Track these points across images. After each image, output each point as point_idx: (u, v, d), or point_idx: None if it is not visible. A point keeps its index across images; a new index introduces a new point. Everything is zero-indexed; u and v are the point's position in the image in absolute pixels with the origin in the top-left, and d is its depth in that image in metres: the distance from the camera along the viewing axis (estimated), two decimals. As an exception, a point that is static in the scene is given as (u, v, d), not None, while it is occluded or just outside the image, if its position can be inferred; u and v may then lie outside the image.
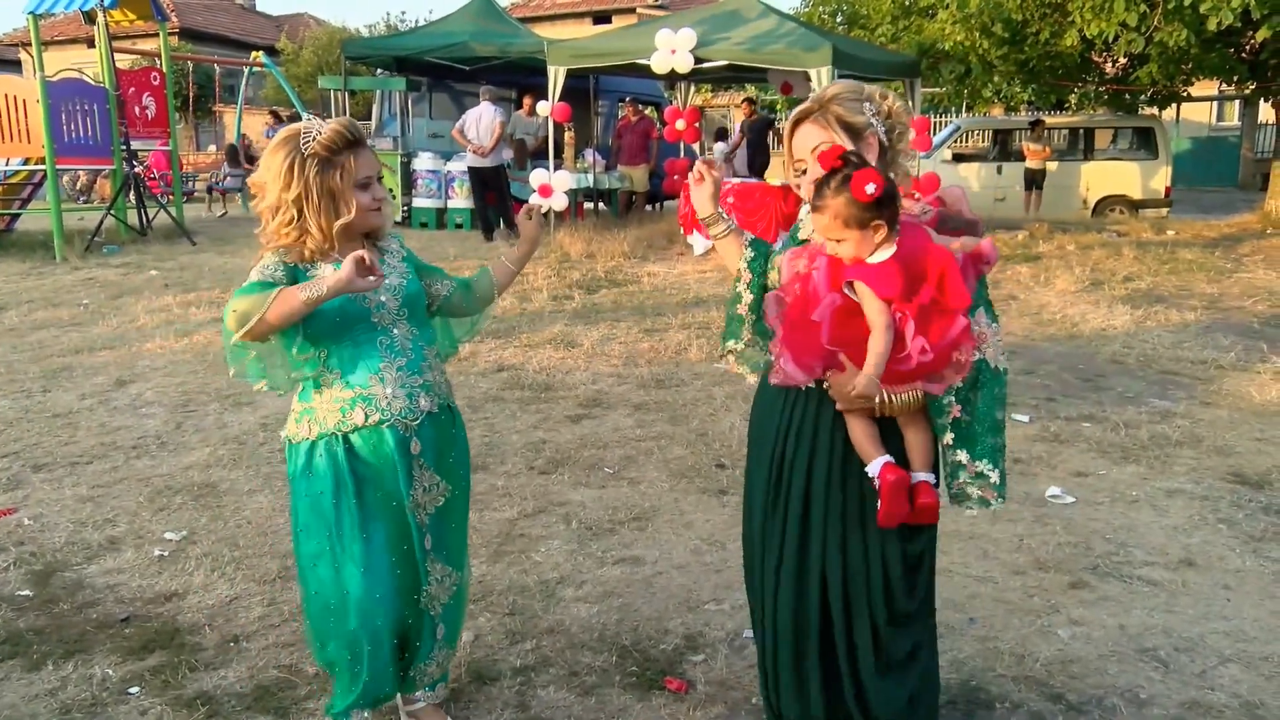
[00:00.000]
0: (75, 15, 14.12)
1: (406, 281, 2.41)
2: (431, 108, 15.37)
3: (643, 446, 4.83)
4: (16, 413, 5.55)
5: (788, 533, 2.16)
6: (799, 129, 2.13)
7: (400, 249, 2.49)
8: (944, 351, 1.96)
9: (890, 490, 2.01)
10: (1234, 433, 4.97)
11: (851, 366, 2.01)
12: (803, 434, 2.15)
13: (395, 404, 2.32)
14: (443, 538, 2.47)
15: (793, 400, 2.17)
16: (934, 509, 2.08)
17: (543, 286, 8.86)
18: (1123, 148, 15.23)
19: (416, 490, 2.38)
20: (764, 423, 2.25)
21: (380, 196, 2.34)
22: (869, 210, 1.94)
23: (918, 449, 2.10)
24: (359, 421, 2.31)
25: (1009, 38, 11.61)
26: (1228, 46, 11.65)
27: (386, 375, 2.32)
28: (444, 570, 2.48)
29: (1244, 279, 9.20)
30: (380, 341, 2.33)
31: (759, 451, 2.25)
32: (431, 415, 2.39)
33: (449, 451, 2.47)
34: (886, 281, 1.95)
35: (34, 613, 3.30)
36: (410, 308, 2.39)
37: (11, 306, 8.68)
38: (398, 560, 2.39)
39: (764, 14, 11.26)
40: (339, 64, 14.40)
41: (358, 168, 2.25)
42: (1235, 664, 2.90)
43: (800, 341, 2.04)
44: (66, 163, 12.19)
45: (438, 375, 2.44)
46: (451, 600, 2.52)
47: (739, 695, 2.77)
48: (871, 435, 2.07)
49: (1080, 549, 3.68)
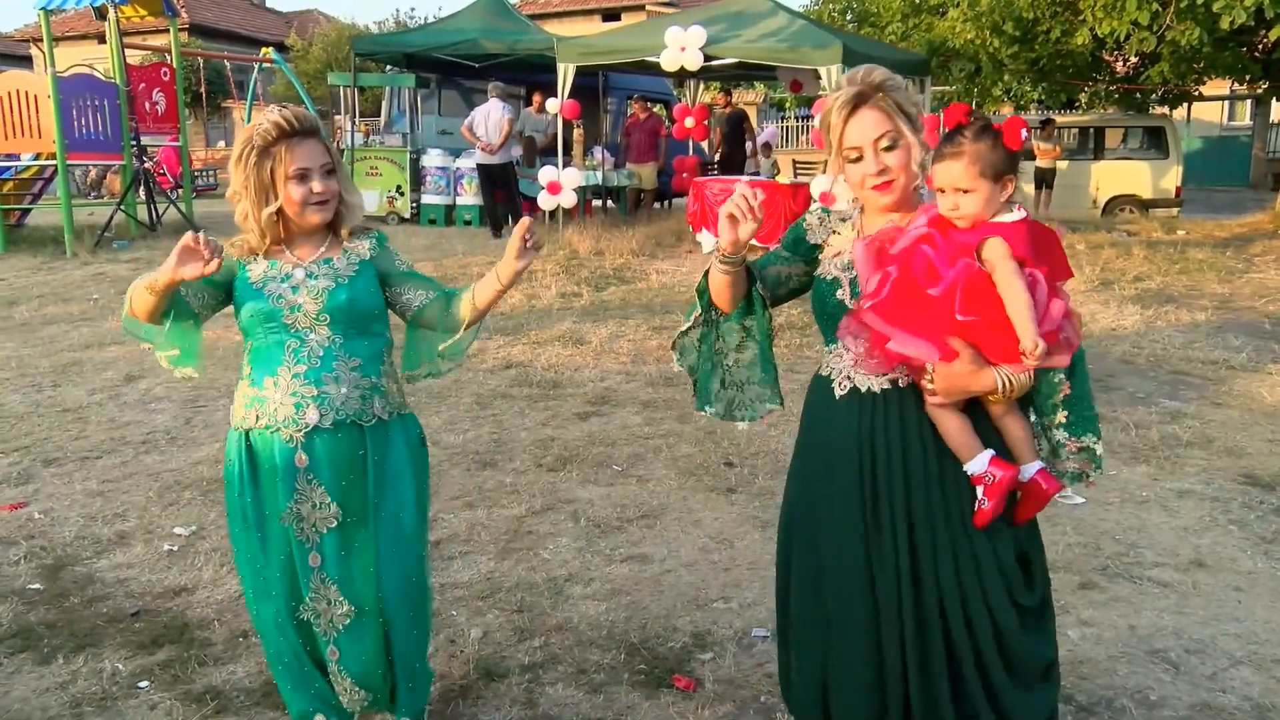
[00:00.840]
0: (86, 11, 14.18)
1: (337, 287, 2.26)
2: (441, 104, 15.39)
3: (651, 444, 4.83)
4: (27, 407, 5.57)
5: (900, 557, 1.97)
6: (856, 115, 1.95)
7: (367, 251, 2.34)
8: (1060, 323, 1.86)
9: (1004, 487, 1.90)
10: (1245, 434, 4.94)
11: (969, 353, 1.85)
12: (892, 445, 1.98)
13: (280, 411, 2.24)
14: (339, 563, 2.32)
15: (869, 411, 2.00)
16: (1056, 493, 1.97)
17: (551, 284, 8.86)
18: (1133, 147, 15.16)
19: (302, 505, 2.28)
20: (837, 446, 2.04)
21: (319, 191, 2.22)
22: (1010, 161, 1.87)
23: (1023, 440, 1.97)
24: (251, 422, 2.28)
25: (1019, 36, 11.58)
26: (1240, 45, 11.59)
27: (281, 379, 2.24)
28: (335, 595, 2.33)
29: (1255, 279, 9.16)
30: (288, 344, 2.25)
31: (839, 479, 2.03)
32: (326, 431, 2.24)
33: (350, 473, 2.28)
34: (1019, 241, 1.84)
35: (44, 606, 3.31)
36: (335, 314, 2.25)
37: (22, 301, 8.71)
38: (281, 565, 2.32)
39: (774, 12, 11.24)
40: (348, 60, 14.45)
41: (292, 159, 2.18)
42: (1247, 666, 2.89)
43: (916, 321, 1.85)
44: (77, 158, 12.23)
45: (345, 389, 2.25)
46: (346, 630, 2.35)
47: (747, 694, 2.77)
48: (969, 430, 1.93)
49: (1090, 549, 3.67)
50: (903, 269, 1.87)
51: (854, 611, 2.01)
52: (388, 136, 14.61)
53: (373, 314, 2.32)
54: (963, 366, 1.86)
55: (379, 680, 2.42)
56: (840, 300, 2.03)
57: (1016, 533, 2.00)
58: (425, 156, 13.77)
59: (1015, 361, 1.84)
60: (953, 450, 1.95)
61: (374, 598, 2.34)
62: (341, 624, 2.35)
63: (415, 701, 2.48)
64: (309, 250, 2.32)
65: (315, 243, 2.32)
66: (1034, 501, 1.97)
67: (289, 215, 2.26)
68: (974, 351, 1.85)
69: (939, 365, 1.87)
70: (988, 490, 1.90)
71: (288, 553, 2.32)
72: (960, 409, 1.93)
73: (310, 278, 2.27)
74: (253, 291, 2.27)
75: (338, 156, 2.32)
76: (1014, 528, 1.99)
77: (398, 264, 2.39)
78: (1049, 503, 1.98)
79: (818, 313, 2.10)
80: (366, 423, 2.29)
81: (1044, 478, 1.96)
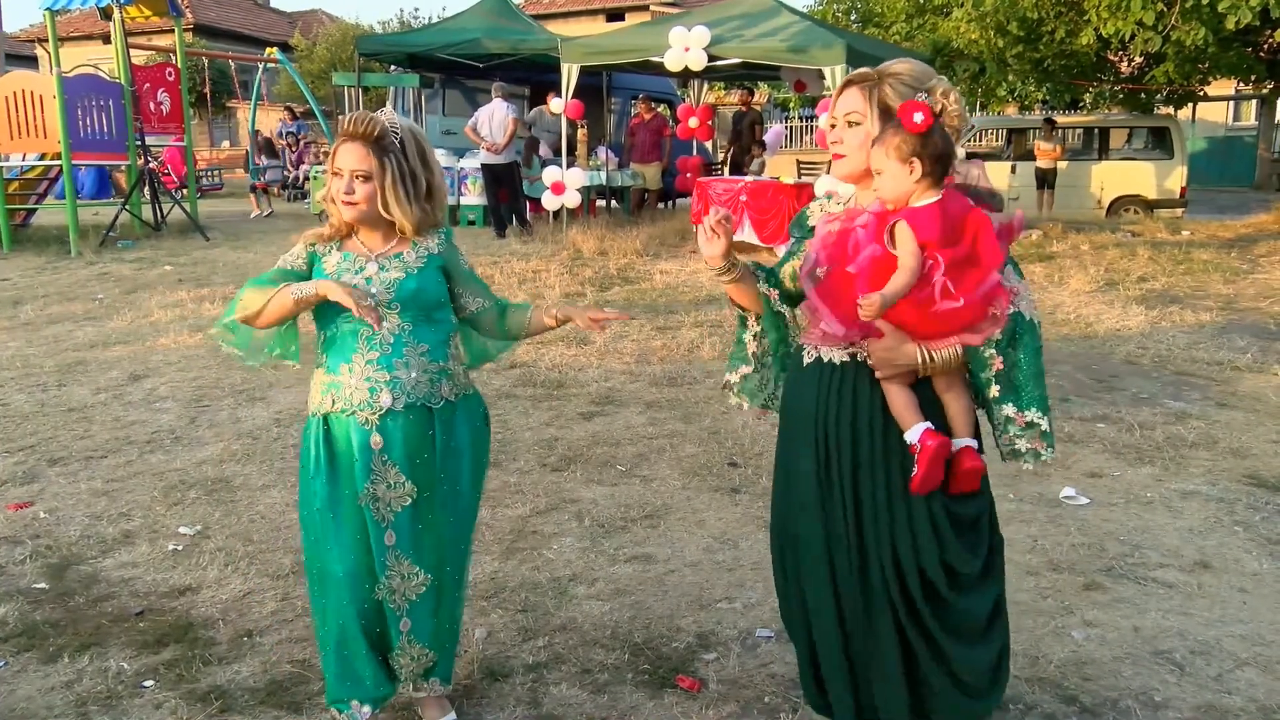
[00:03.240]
0: (91, 11, 14.19)
1: (406, 277, 2.41)
2: (445, 104, 15.40)
3: (655, 444, 4.83)
4: (32, 407, 5.58)
5: (847, 514, 2.15)
6: (846, 90, 2.16)
7: (435, 246, 2.49)
8: (979, 302, 2.01)
9: (930, 456, 2.04)
10: (1250, 434, 4.93)
11: (891, 330, 2.04)
12: (843, 411, 2.15)
13: (355, 395, 2.38)
14: (412, 537, 2.46)
15: (829, 379, 2.18)
16: (979, 472, 2.12)
17: (555, 284, 8.86)
18: (1138, 147, 15.13)
19: (378, 485, 2.40)
20: (801, 410, 2.24)
21: (349, 192, 2.35)
22: (915, 143, 1.99)
23: (959, 415, 2.12)
24: (329, 407, 2.42)
25: (1024, 36, 11.57)
26: (1245, 45, 11.58)
27: (355, 365, 2.38)
28: (410, 569, 2.46)
29: (1260, 280, 9.14)
30: (361, 332, 2.38)
31: (801, 439, 2.23)
32: (398, 413, 2.38)
33: (422, 452, 2.43)
34: (926, 224, 1.99)
35: (49, 605, 3.32)
36: (405, 303, 2.39)
37: (27, 301, 8.73)
38: (356, 546, 2.43)
39: (778, 11, 11.23)
40: (352, 60, 14.46)
41: (336, 156, 2.38)
42: (1252, 667, 2.88)
43: (839, 297, 2.06)
44: (82, 158, 12.26)
45: (415, 374, 2.39)
46: (420, 599, 2.49)
47: (751, 694, 2.77)
48: (911, 403, 2.09)
49: (1094, 550, 3.66)
50: (835, 248, 2.08)
51: (817, 570, 2.20)
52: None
53: (439, 302, 2.48)
54: (886, 342, 2.06)
55: (445, 639, 2.59)
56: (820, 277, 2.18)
57: (955, 499, 2.13)
58: (429, 156, 13.76)
59: (930, 337, 2.04)
60: (896, 419, 2.11)
61: (441, 566, 2.51)
62: (415, 594, 2.48)
63: (449, 662, 2.64)
64: (379, 243, 2.47)
65: (384, 237, 2.47)
66: (962, 475, 2.10)
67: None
68: (895, 329, 2.04)
69: (870, 340, 2.07)
70: (918, 458, 2.06)
71: (362, 534, 2.43)
72: (909, 384, 2.10)
73: (382, 270, 2.42)
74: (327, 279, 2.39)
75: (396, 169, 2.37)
76: (953, 497, 2.13)
77: (462, 263, 2.56)
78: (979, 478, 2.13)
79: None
80: (435, 405, 2.44)
81: (967, 454, 2.10)
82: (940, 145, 2.02)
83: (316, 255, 2.46)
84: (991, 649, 2.22)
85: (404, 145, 2.38)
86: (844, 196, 2.30)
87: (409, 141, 2.40)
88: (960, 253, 2.00)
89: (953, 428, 2.12)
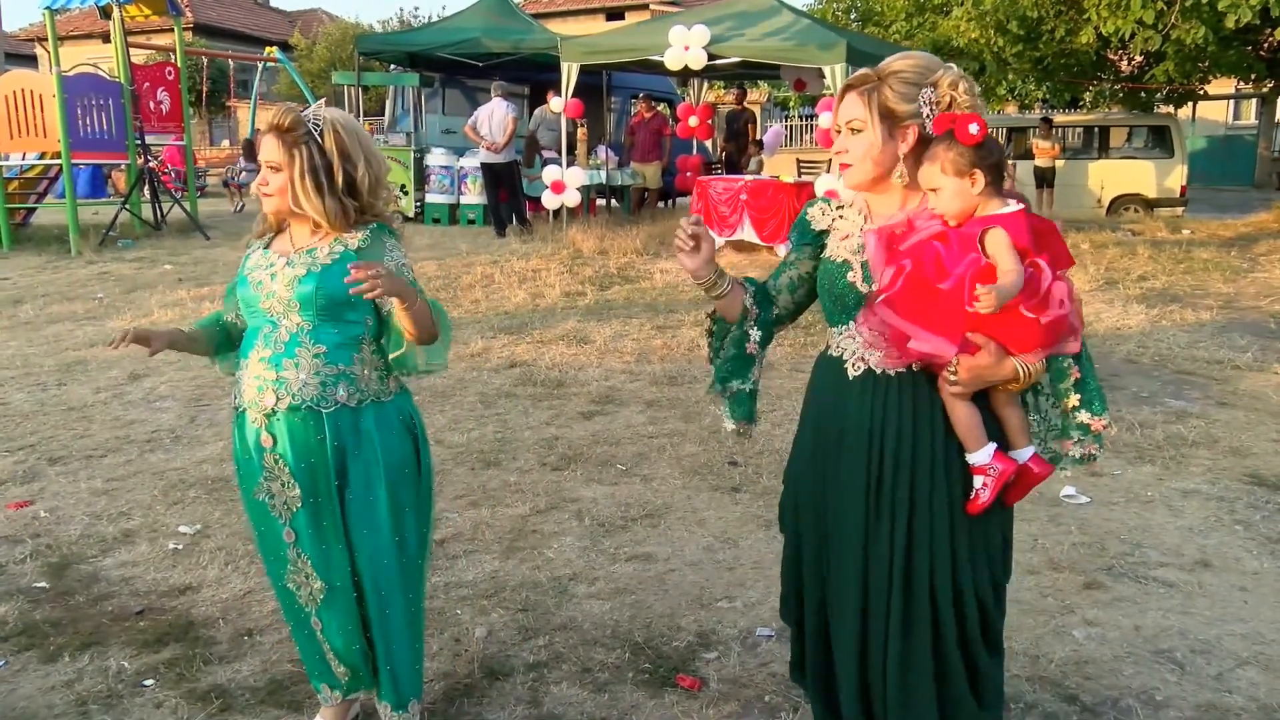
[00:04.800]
0: (91, 10, 14.19)
1: (307, 274, 2.31)
2: (444, 103, 15.39)
3: (655, 443, 4.83)
4: (32, 406, 5.58)
5: (897, 534, 2.05)
6: (846, 95, 2.05)
7: (356, 243, 2.35)
8: (1066, 314, 1.94)
9: (1004, 480, 2.00)
10: (1250, 433, 4.93)
11: (991, 346, 1.93)
12: (903, 427, 2.04)
13: (248, 392, 2.37)
14: (313, 541, 2.40)
15: (884, 392, 2.06)
16: (1045, 477, 2.07)
17: (555, 283, 8.86)
18: (1138, 146, 15.13)
19: (272, 483, 2.39)
20: (848, 424, 2.09)
21: (264, 184, 2.36)
22: (973, 156, 1.92)
23: (1021, 427, 2.07)
24: (234, 401, 2.45)
25: (1024, 35, 11.57)
26: (1245, 44, 11.57)
27: (251, 362, 2.37)
28: (309, 569, 2.42)
29: (1260, 279, 9.14)
30: (263, 330, 2.37)
31: (848, 454, 2.09)
32: (284, 414, 2.32)
33: (309, 456, 2.34)
34: (1019, 231, 1.92)
35: (50, 605, 3.32)
36: (304, 302, 2.30)
37: (27, 300, 8.73)
38: (269, 535, 2.47)
39: (778, 10, 11.22)
40: (352, 60, 14.46)
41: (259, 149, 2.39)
42: (1253, 666, 2.88)
43: (930, 314, 1.92)
44: (82, 157, 12.25)
45: (304, 375, 2.30)
46: (324, 604, 2.43)
47: (751, 693, 2.77)
48: (978, 421, 2.02)
49: (1095, 549, 3.66)
50: (915, 264, 1.93)
51: (848, 583, 2.11)
52: (392, 136, 14.60)
53: (345, 303, 2.31)
54: (985, 358, 1.94)
55: (359, 658, 2.50)
56: (851, 283, 2.07)
57: (1003, 518, 2.11)
58: (429, 155, 13.77)
59: (1031, 351, 1.94)
60: (960, 437, 2.02)
61: (346, 576, 2.42)
62: (319, 597, 2.45)
63: (398, 690, 2.50)
64: (305, 237, 2.41)
65: (310, 231, 2.40)
66: (1025, 484, 2.06)
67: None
68: (995, 344, 1.93)
69: (963, 357, 1.94)
70: (992, 481, 2.00)
71: (268, 525, 2.46)
72: (969, 398, 2.00)
73: (288, 265, 2.35)
74: (243, 278, 2.43)
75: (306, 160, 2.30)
76: (1002, 514, 2.09)
77: (386, 260, 2.34)
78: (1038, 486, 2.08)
79: (825, 294, 2.14)
80: (326, 409, 2.33)
81: (1036, 463, 2.06)
82: (997, 153, 1.95)
83: (248, 255, 2.47)
84: (1000, 659, 2.20)
85: (321, 136, 2.31)
86: (846, 198, 2.20)
87: (329, 133, 2.31)
88: (1045, 258, 1.93)
89: (1014, 440, 2.06)
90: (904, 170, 2.01)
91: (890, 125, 1.99)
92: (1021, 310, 1.89)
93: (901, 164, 2.01)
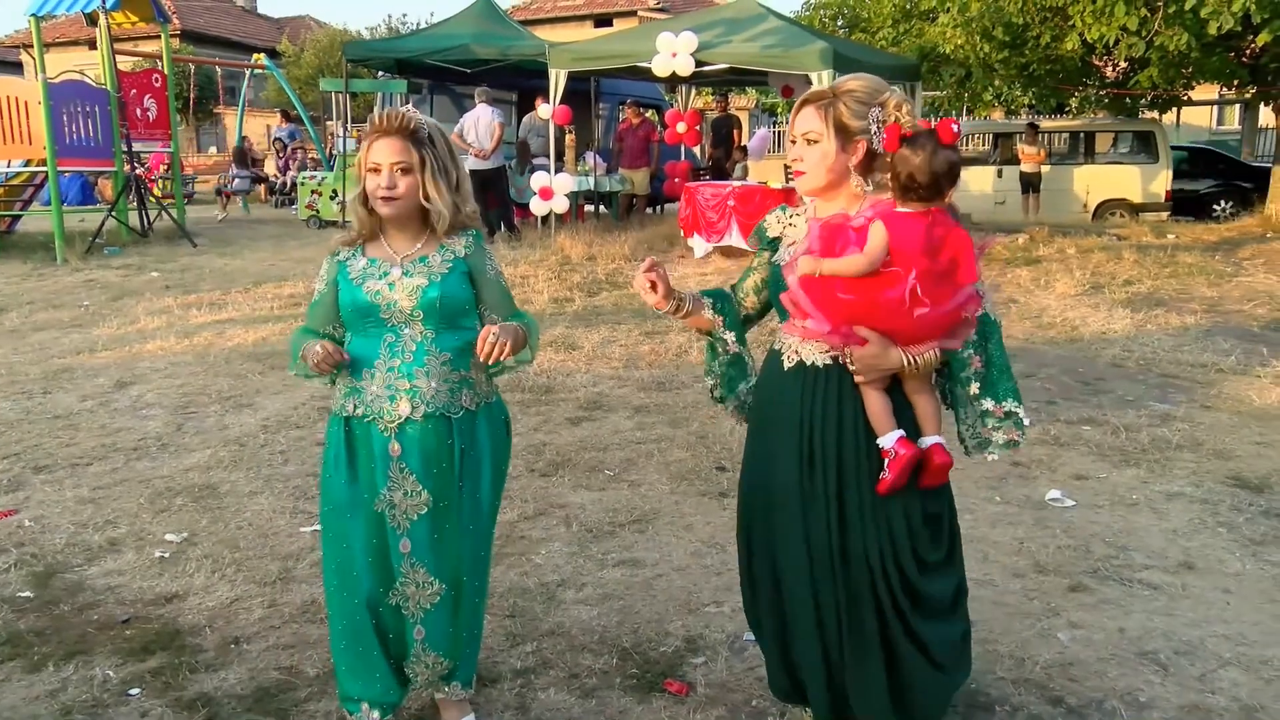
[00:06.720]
0: (77, 17, 14.18)
1: (429, 284, 2.38)
2: (432, 110, 15.35)
3: (643, 449, 4.84)
4: (17, 414, 5.55)
5: (830, 518, 2.23)
6: (803, 109, 2.23)
7: (463, 249, 2.46)
8: (955, 312, 2.12)
9: (905, 464, 2.15)
10: (1234, 436, 4.97)
11: (876, 337, 2.13)
12: (828, 416, 2.23)
13: (376, 403, 2.39)
14: (429, 546, 2.44)
15: (812, 383, 2.24)
16: (948, 467, 2.24)
17: (543, 289, 8.87)
18: (1123, 151, 15.24)
19: (394, 492, 2.41)
20: (781, 415, 2.29)
21: (388, 186, 2.33)
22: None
23: (929, 415, 2.24)
24: (350, 411, 2.43)
25: (1009, 41, 11.62)
26: (1228, 50, 11.65)
27: (378, 372, 2.39)
28: (425, 578, 2.46)
29: (1244, 283, 9.21)
30: (385, 339, 2.40)
31: (782, 444, 2.28)
32: (417, 422, 2.38)
33: (440, 462, 2.42)
34: (909, 232, 2.07)
35: (35, 614, 3.30)
36: (428, 311, 2.38)
37: (13, 308, 8.69)
38: (371, 548, 2.44)
39: (765, 17, 11.27)
40: (340, 66, 14.42)
41: (370, 153, 2.36)
42: (1235, 667, 2.90)
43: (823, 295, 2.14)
44: (68, 164, 12.20)
45: (435, 383, 2.39)
46: (434, 608, 2.48)
47: (739, 697, 2.78)
48: (887, 408, 2.19)
49: (1080, 552, 3.68)
50: (824, 244, 2.14)
51: (797, 575, 2.28)
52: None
53: (463, 309, 2.46)
54: (871, 349, 2.14)
55: (461, 648, 2.56)
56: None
57: (924, 496, 2.25)
58: (417, 162, 13.74)
59: (918, 345, 2.14)
60: (871, 423, 2.21)
61: (458, 575, 2.49)
62: (430, 603, 2.48)
63: (470, 668, 2.62)
64: (406, 244, 2.45)
65: (412, 238, 2.45)
66: (932, 470, 2.21)
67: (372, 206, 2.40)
68: (878, 336, 2.13)
69: (854, 348, 2.16)
70: (890, 464, 2.17)
71: (378, 537, 2.43)
72: (883, 387, 2.20)
73: (406, 275, 2.40)
74: (352, 288, 2.42)
75: (434, 160, 2.37)
76: (922, 492, 2.24)
77: (488, 269, 2.52)
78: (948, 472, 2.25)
79: (773, 294, 2.36)
80: (454, 415, 2.43)
81: (937, 451, 2.21)
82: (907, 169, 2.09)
83: (343, 264, 2.45)
84: (956, 627, 2.34)
85: (433, 139, 2.39)
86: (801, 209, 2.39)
87: (437, 136, 2.40)
88: (938, 267, 2.10)
89: (922, 427, 2.23)
90: (859, 180, 2.20)
91: (844, 139, 2.17)
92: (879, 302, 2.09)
93: (854, 173, 2.19)
